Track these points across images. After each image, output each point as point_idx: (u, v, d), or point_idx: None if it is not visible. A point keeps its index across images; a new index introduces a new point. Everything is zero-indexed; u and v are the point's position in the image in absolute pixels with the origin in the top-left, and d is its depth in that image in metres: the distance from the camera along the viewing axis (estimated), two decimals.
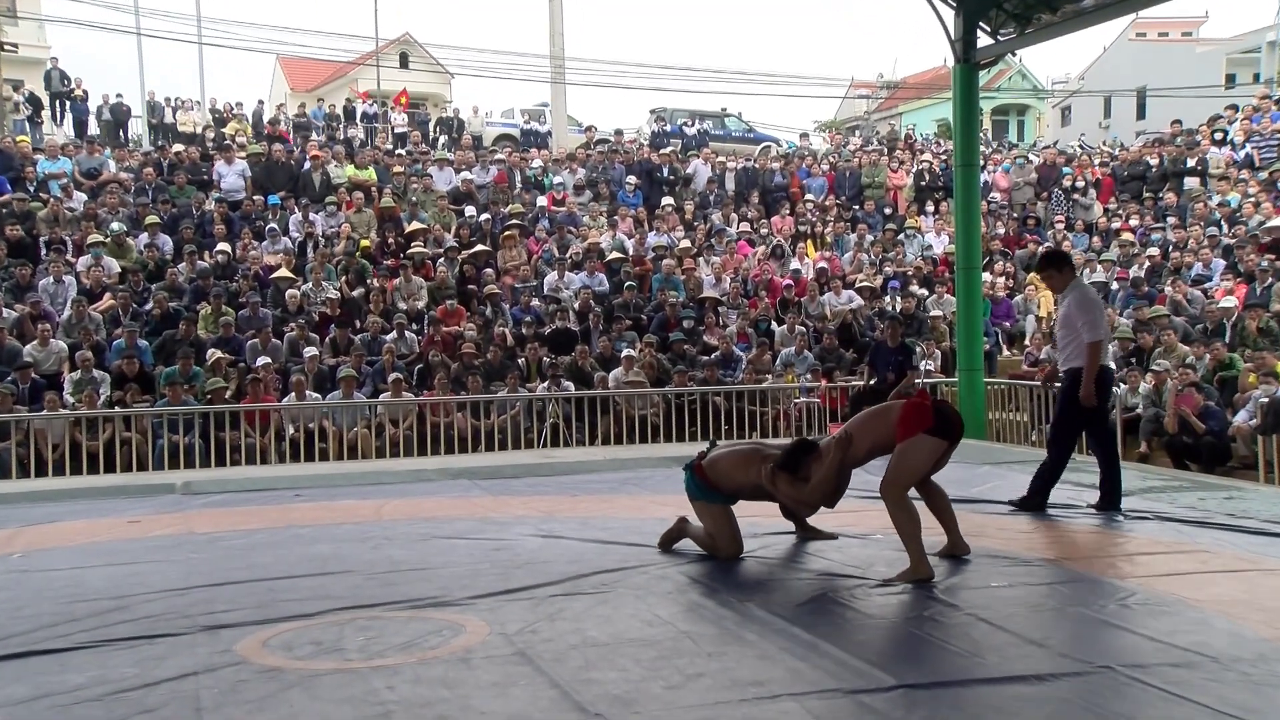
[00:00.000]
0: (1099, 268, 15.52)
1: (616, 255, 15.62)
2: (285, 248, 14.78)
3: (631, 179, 18.34)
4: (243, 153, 17.39)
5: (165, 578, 5.07)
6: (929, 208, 18.40)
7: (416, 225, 15.72)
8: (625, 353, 12.55)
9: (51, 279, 13.03)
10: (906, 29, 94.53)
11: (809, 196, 18.52)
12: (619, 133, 22.24)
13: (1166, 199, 17.85)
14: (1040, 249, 15.01)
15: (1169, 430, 10.33)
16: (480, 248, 15.35)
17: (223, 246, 14.44)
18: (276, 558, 5.51)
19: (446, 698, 3.38)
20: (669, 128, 23.64)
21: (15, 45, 25.27)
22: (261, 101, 24.90)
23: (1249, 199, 16.69)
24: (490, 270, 14.79)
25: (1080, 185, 18.81)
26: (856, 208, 18.55)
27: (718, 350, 13.15)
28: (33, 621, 4.33)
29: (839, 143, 25.60)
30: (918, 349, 12.60)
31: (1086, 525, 6.19)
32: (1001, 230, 17.65)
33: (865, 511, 6.09)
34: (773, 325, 14.16)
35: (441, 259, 14.85)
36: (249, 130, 20.89)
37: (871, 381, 11.15)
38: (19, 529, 6.58)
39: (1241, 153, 18.80)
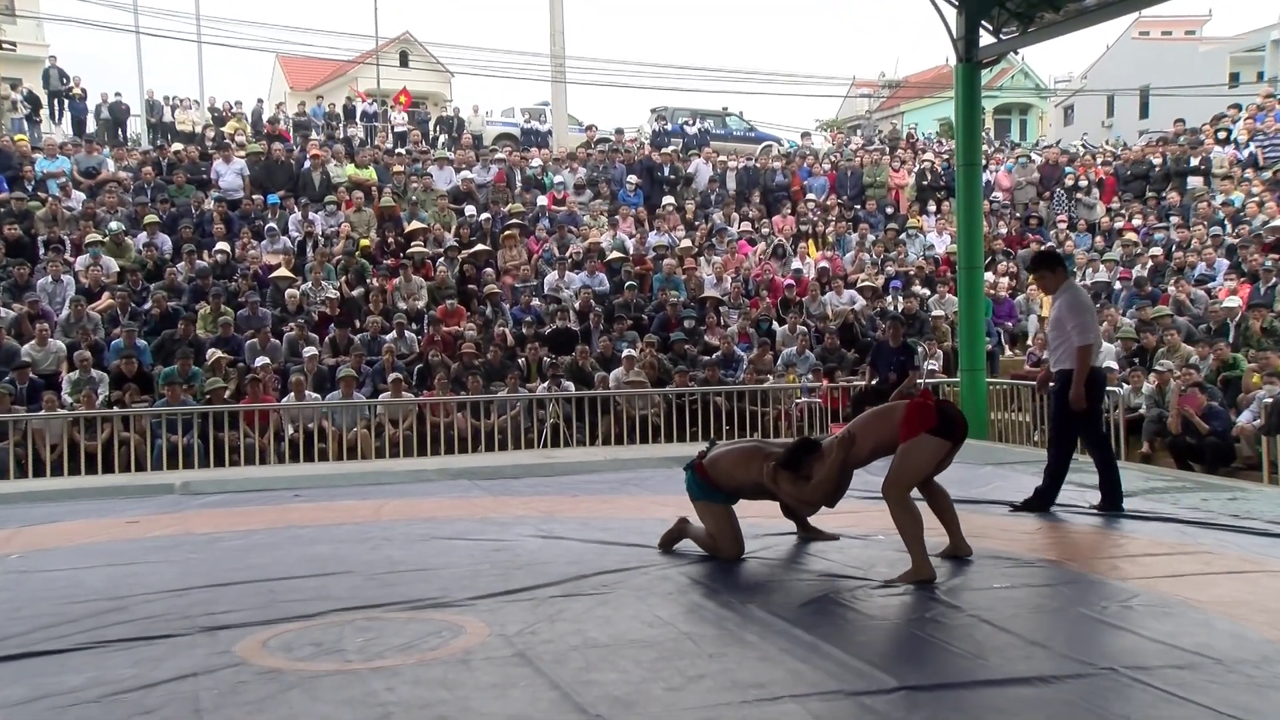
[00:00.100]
0: (1102, 267, 15.48)
1: (617, 255, 15.59)
2: (284, 247, 14.75)
3: (632, 178, 18.31)
4: (242, 152, 17.35)
5: (164, 578, 5.06)
6: (931, 207, 18.37)
7: (416, 225, 15.70)
8: (626, 353, 12.53)
9: (50, 278, 13.00)
10: (908, 28, 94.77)
11: (810, 196, 18.51)
12: (620, 132, 22.22)
13: (1170, 198, 17.79)
14: (1035, 250, 14.95)
15: (1172, 431, 10.30)
16: (480, 247, 15.33)
17: (222, 246, 14.43)
18: (275, 558, 5.50)
19: (446, 699, 3.38)
20: (670, 127, 23.62)
21: (14, 44, 25.27)
22: (261, 100, 24.88)
23: (1253, 198, 16.64)
24: (490, 270, 14.76)
25: (1083, 184, 18.74)
26: (858, 207, 18.51)
27: (719, 350, 13.13)
28: (30, 622, 4.32)
29: (840, 142, 25.55)
30: (919, 349, 12.58)
31: (1089, 526, 6.17)
32: (1004, 230, 17.62)
33: (866, 512, 6.08)
34: (774, 325, 14.12)
35: (441, 258, 14.83)
36: (248, 129, 20.85)
37: (873, 382, 11.13)
38: (17, 529, 6.56)
39: (1245, 152, 18.74)
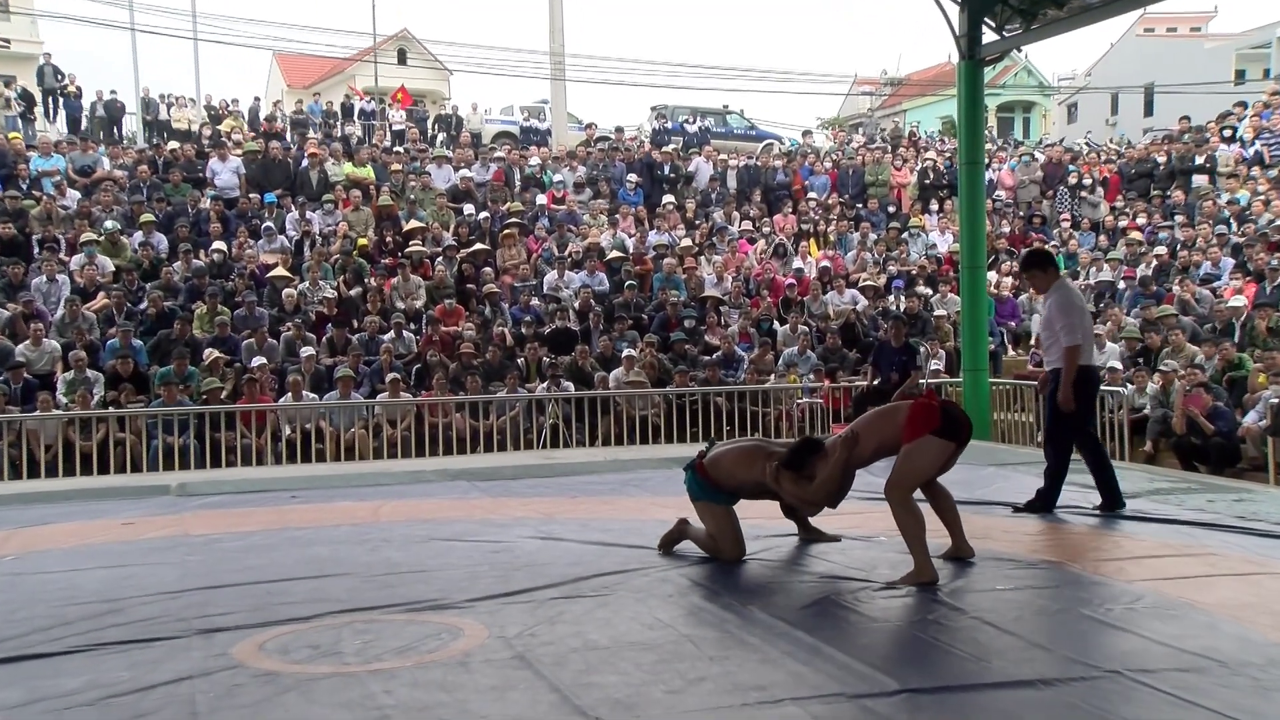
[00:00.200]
0: (1106, 267, 15.43)
1: (617, 254, 15.56)
2: (282, 246, 14.72)
3: (632, 177, 18.26)
4: (238, 150, 17.30)
5: (160, 580, 5.03)
6: (933, 206, 18.33)
7: (415, 224, 15.66)
8: (626, 352, 12.49)
9: (44, 278, 12.96)
10: (910, 25, 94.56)
11: (812, 195, 18.46)
12: (619, 130, 22.20)
13: (1174, 197, 17.77)
14: (1025, 249, 14.92)
15: (1177, 431, 10.26)
16: (479, 246, 15.30)
17: (218, 245, 14.38)
18: (273, 560, 5.47)
19: (445, 701, 3.36)
20: (670, 125, 23.59)
21: (8, 41, 25.22)
22: (258, 98, 24.78)
23: (1258, 197, 16.62)
24: (489, 269, 14.73)
25: (1087, 183, 18.72)
26: (860, 206, 18.47)
27: (719, 350, 13.09)
28: (25, 625, 4.30)
29: (842, 140, 25.51)
30: (922, 349, 12.54)
31: (1092, 527, 6.15)
32: (1007, 229, 17.57)
33: (868, 513, 6.06)
34: (775, 325, 14.09)
35: (440, 258, 14.78)
36: (245, 127, 20.81)
37: (875, 382, 11.10)
38: (11, 531, 6.53)
39: (1251, 150, 18.70)
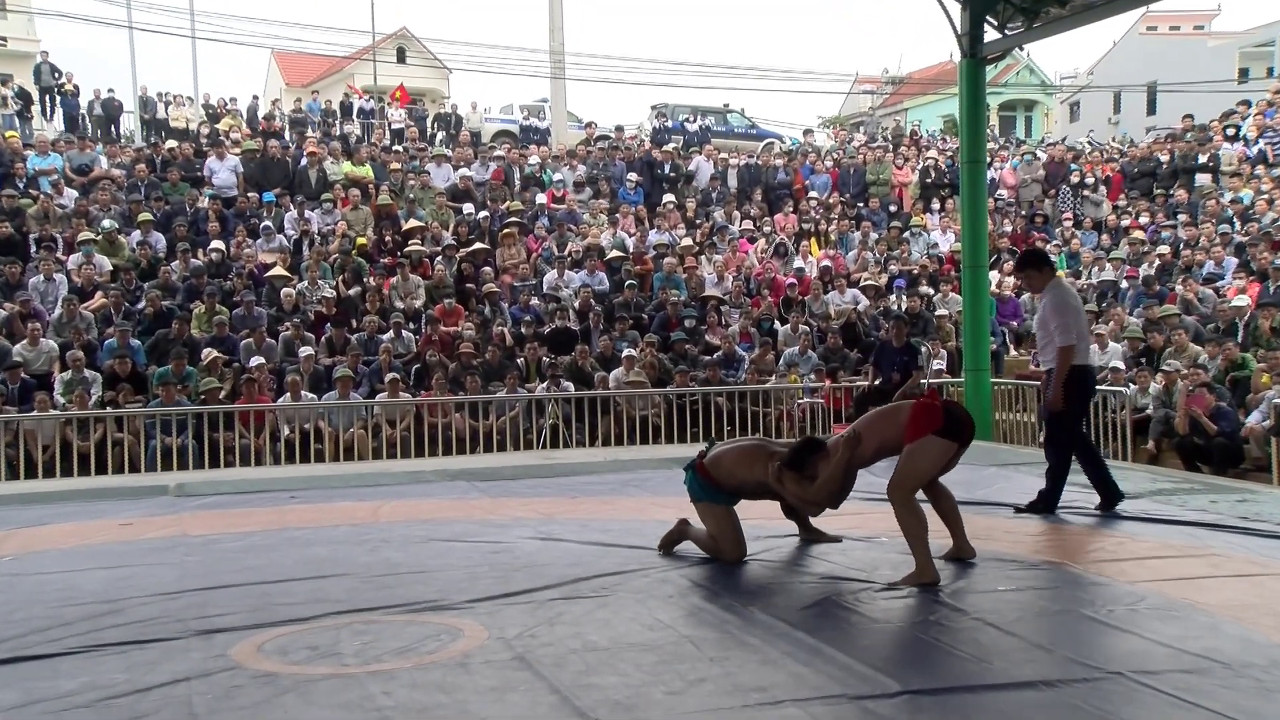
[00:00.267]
0: (1108, 266, 15.39)
1: (617, 253, 15.54)
2: (280, 245, 14.68)
3: (632, 176, 18.23)
4: (237, 149, 17.26)
5: (158, 581, 5.01)
6: (935, 205, 18.31)
7: (414, 223, 15.61)
8: (626, 352, 12.47)
9: (42, 277, 12.92)
10: (912, 23, 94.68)
11: (813, 194, 18.43)
12: (620, 129, 22.18)
13: (1177, 196, 17.74)
14: (1021, 250, 14.90)
15: (1180, 431, 10.22)
16: (479, 246, 15.27)
17: (217, 244, 14.35)
18: (271, 560, 5.45)
19: (444, 703, 3.35)
20: (670, 124, 23.57)
21: (4, 39, 25.15)
22: (256, 97, 24.74)
23: (1262, 195, 16.59)
24: (489, 269, 14.70)
25: (1089, 182, 18.69)
26: (861, 205, 18.43)
27: (720, 350, 13.07)
28: (23, 626, 4.29)
29: (843, 139, 25.50)
30: (923, 349, 12.52)
31: (1094, 528, 6.13)
32: (1009, 228, 17.53)
33: (869, 514, 6.04)
34: (776, 325, 14.06)
35: (439, 257, 14.74)
36: (243, 126, 20.78)
37: (876, 382, 11.09)
38: (9, 532, 6.51)
39: (1254, 148, 18.67)
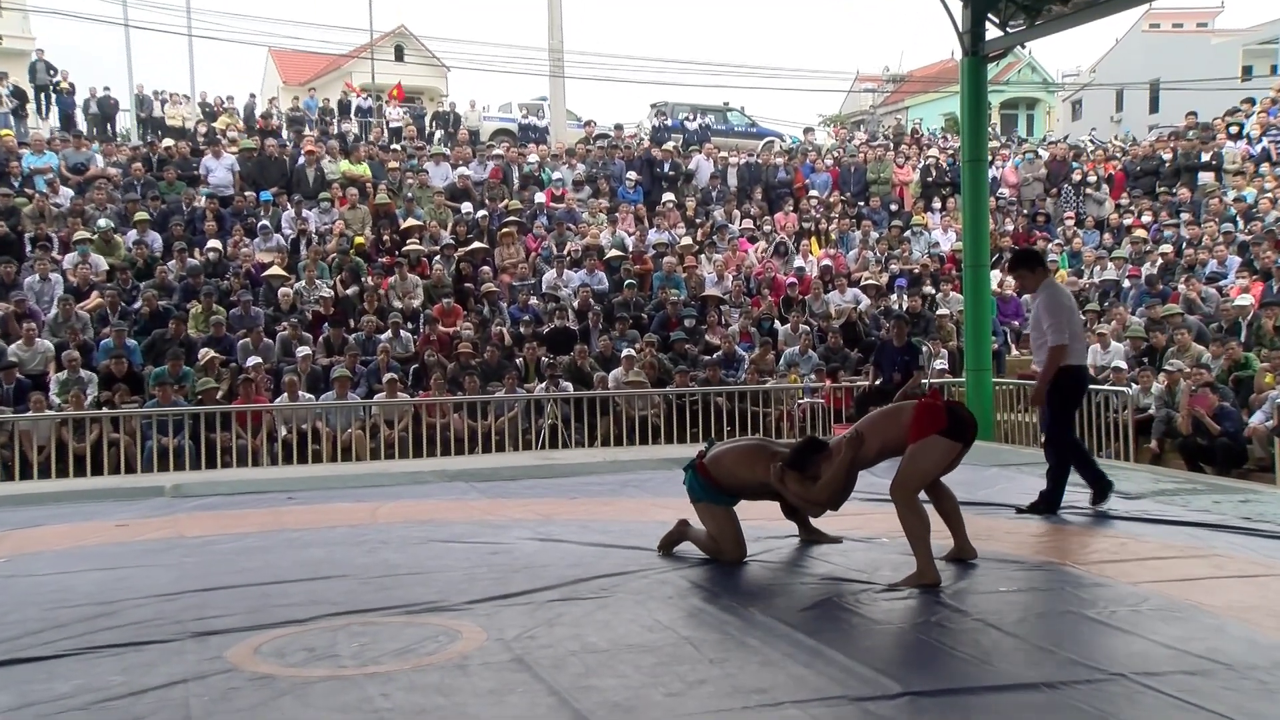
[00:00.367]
0: (1110, 265, 15.34)
1: (616, 253, 15.52)
2: (278, 245, 14.67)
3: (632, 174, 18.22)
4: (234, 147, 17.23)
5: (154, 583, 4.99)
6: (936, 204, 18.30)
7: (412, 222, 15.58)
8: (625, 352, 12.44)
9: (37, 276, 12.87)
10: (913, 21, 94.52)
11: (813, 193, 18.41)
12: (619, 127, 22.16)
13: (1180, 194, 17.71)
14: (1019, 249, 14.84)
15: (1182, 431, 10.20)
16: (477, 245, 15.25)
17: (213, 244, 14.30)
18: (268, 562, 5.43)
19: (442, 705, 3.34)
20: (670, 122, 23.57)
21: None
22: (253, 95, 24.71)
23: (1265, 194, 16.55)
24: (487, 268, 14.68)
25: (1091, 180, 18.66)
26: (861, 204, 18.43)
27: (720, 350, 13.04)
28: (18, 628, 4.27)
29: (844, 138, 25.52)
30: (924, 348, 12.49)
31: (1096, 529, 6.11)
32: (1010, 227, 17.48)
33: (870, 515, 6.03)
34: (776, 324, 14.05)
35: (438, 256, 14.71)
36: (240, 124, 20.74)
37: (877, 382, 11.08)
38: (4, 533, 6.48)
39: (1258, 147, 18.66)
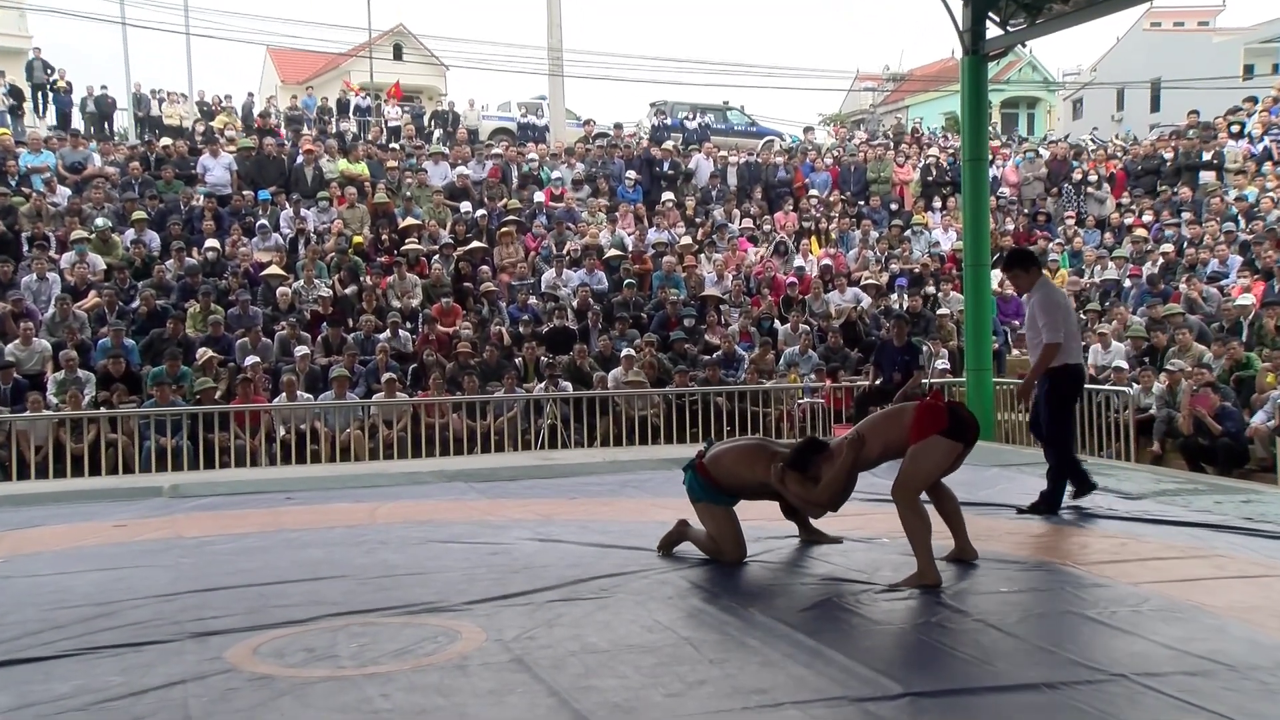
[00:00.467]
0: (1111, 264, 15.31)
1: (616, 252, 15.51)
2: (276, 244, 14.65)
3: (631, 174, 18.21)
4: (232, 146, 17.21)
5: (152, 583, 4.98)
6: (936, 203, 18.29)
7: (411, 221, 15.56)
8: (625, 352, 12.43)
9: (34, 276, 12.84)
10: (913, 20, 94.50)
11: (813, 192, 18.40)
12: (618, 127, 22.14)
13: (1181, 193, 17.70)
14: (1011, 249, 14.80)
15: (1184, 432, 10.19)
16: (476, 244, 15.23)
17: (212, 243, 14.29)
18: (267, 562, 5.42)
19: (442, 706, 3.34)
20: (669, 121, 23.55)
21: None
22: (251, 94, 24.71)
23: (1267, 193, 16.53)
24: (486, 267, 14.67)
25: (1092, 180, 18.64)
26: (862, 203, 18.42)
27: (719, 349, 13.03)
28: (16, 629, 4.26)
29: (844, 137, 25.50)
30: (924, 348, 12.47)
31: (1097, 529, 6.10)
32: (1011, 226, 17.47)
33: (870, 515, 6.03)
34: (776, 324, 14.04)
35: (436, 256, 14.70)
36: (238, 123, 20.72)
37: (877, 381, 11.07)
38: (2, 534, 6.46)
39: (1259, 146, 18.64)
